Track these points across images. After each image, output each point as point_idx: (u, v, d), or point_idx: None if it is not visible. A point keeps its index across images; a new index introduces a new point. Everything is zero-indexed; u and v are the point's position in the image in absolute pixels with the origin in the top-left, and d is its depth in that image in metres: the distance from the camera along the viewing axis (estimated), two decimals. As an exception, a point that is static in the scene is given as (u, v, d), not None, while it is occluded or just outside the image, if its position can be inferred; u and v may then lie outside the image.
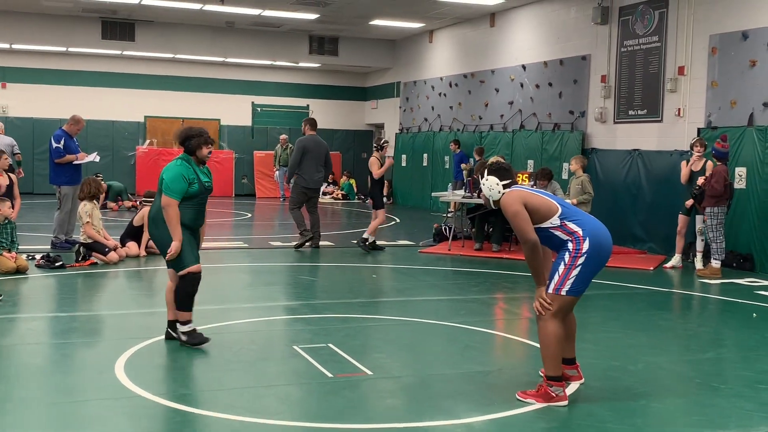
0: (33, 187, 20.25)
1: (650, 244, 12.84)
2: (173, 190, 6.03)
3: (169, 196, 6.03)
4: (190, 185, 6.09)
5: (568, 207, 5.09)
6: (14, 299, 8.19)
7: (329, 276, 10.19)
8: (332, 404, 4.91)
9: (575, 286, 4.93)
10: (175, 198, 6.03)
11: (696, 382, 5.63)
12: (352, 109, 25.34)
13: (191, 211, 6.16)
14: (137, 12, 19.29)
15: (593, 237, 4.93)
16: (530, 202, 4.96)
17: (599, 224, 5.08)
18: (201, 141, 6.18)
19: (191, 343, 6.15)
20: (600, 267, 5.03)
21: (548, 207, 4.98)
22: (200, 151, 6.20)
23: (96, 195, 10.45)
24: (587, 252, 4.90)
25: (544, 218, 4.96)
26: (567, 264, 4.91)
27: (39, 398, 4.96)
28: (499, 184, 5.11)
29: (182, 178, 6.06)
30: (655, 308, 8.41)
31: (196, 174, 6.17)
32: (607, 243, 5.01)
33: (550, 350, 4.95)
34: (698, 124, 12.16)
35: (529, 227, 4.91)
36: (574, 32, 15.12)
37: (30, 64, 21.79)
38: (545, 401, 4.92)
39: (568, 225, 4.95)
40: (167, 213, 6.03)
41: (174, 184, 6.03)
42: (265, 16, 18.99)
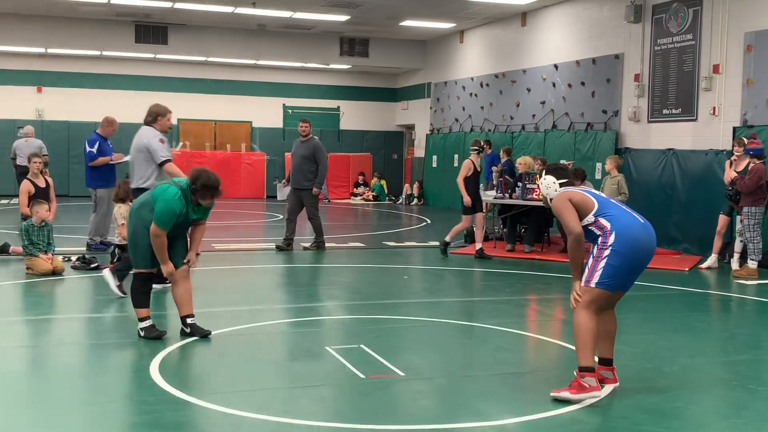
0: (68, 189, 20.52)
1: (685, 244, 12.68)
2: (163, 222, 6.12)
3: (157, 226, 6.12)
4: (177, 217, 6.17)
5: (605, 203, 5.16)
6: (50, 300, 8.31)
7: (360, 277, 10.20)
8: (365, 405, 4.91)
9: (603, 279, 5.00)
10: (164, 229, 6.14)
11: (732, 384, 5.54)
12: (383, 111, 25.36)
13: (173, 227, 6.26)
14: (170, 16, 19.47)
15: (621, 231, 5.00)
16: (573, 198, 5.14)
17: (633, 220, 5.10)
18: (206, 193, 6.22)
19: (149, 337, 6.36)
20: (633, 263, 5.04)
21: (585, 205, 5.12)
22: (203, 198, 6.25)
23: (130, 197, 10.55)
24: (612, 245, 4.98)
25: (582, 216, 5.11)
26: (594, 257, 5.05)
27: (76, 398, 5.02)
28: (556, 182, 5.32)
29: (173, 213, 6.13)
30: (691, 309, 8.31)
31: (187, 210, 6.22)
32: (639, 239, 5.04)
33: (581, 340, 5.03)
34: (734, 123, 12.00)
35: (575, 220, 5.08)
36: (606, 31, 14.99)
37: (65, 68, 22.09)
38: (578, 392, 4.93)
39: (600, 221, 5.07)
40: (154, 243, 6.16)
41: (165, 217, 6.12)
42: (296, 19, 19.08)
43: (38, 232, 9.67)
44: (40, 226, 9.72)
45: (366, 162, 24.59)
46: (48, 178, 10.87)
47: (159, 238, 6.13)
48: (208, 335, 6.47)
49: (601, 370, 5.29)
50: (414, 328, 7.17)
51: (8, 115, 21.41)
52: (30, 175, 10.72)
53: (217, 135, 23.77)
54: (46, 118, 21.92)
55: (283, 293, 9.07)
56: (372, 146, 25.05)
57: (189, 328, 6.47)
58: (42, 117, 21.87)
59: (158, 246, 6.16)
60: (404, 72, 24.36)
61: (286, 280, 10.02)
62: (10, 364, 5.78)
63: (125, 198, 10.48)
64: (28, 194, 10.38)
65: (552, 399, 4.98)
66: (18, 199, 10.92)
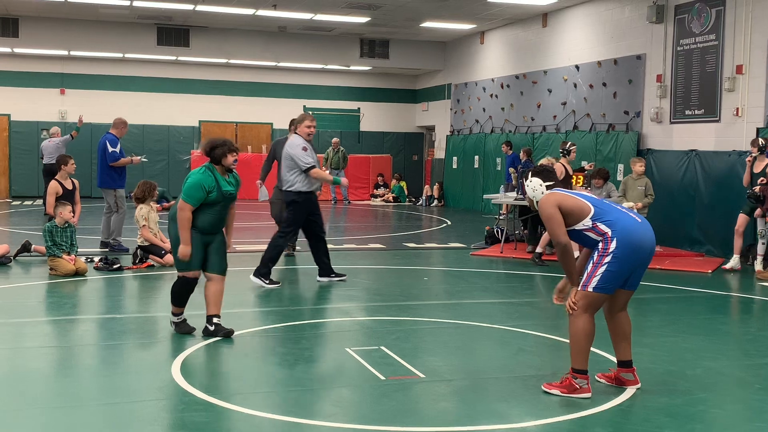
0: (91, 191, 20.67)
1: (708, 246, 12.58)
2: (190, 196, 6.28)
3: (184, 200, 6.28)
4: (208, 194, 6.31)
5: (602, 207, 5.12)
6: (73, 301, 8.39)
7: (380, 278, 10.20)
8: (385, 407, 4.91)
9: (601, 284, 5.01)
10: (190, 203, 6.28)
11: (756, 387, 5.49)
12: (403, 112, 25.35)
13: (210, 217, 6.41)
14: (192, 18, 19.59)
15: (622, 237, 4.99)
16: (564, 205, 5.08)
17: (633, 223, 5.07)
18: (225, 150, 6.39)
19: (180, 332, 6.60)
20: (634, 265, 5.06)
21: (581, 209, 5.07)
22: (225, 159, 6.40)
23: (151, 198, 10.63)
24: (614, 252, 4.97)
25: (577, 220, 5.07)
26: (594, 262, 5.04)
27: (98, 398, 5.06)
28: (543, 185, 5.27)
29: (201, 187, 6.29)
30: (714, 312, 8.24)
31: (217, 183, 6.36)
32: (641, 242, 5.03)
33: (578, 344, 5.07)
34: (757, 124, 11.88)
35: (561, 230, 5.05)
36: (628, 31, 14.91)
37: (87, 71, 22.27)
38: (569, 392, 5.02)
39: (599, 226, 5.05)
40: (179, 216, 6.30)
41: (192, 190, 6.28)
42: (317, 20, 19.12)
43: (61, 233, 9.76)
44: (63, 228, 9.81)
45: (386, 163, 24.59)
46: (74, 181, 10.97)
47: (183, 212, 6.26)
48: (231, 334, 6.52)
49: (622, 372, 5.31)
50: (434, 329, 7.16)
51: (32, 117, 21.62)
52: (59, 176, 10.81)
53: (238, 136, 23.86)
54: (69, 120, 22.10)
55: (303, 294, 9.08)
56: (392, 147, 25.05)
57: (213, 327, 6.53)
58: (65, 119, 22.06)
59: (182, 220, 6.27)
60: (424, 73, 24.34)
61: (306, 280, 10.04)
62: (33, 364, 5.83)
63: (144, 198, 10.57)
64: (55, 195, 10.48)
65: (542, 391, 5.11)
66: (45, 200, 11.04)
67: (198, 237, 6.42)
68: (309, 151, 9.03)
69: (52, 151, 15.62)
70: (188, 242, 6.32)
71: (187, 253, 6.34)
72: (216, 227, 6.52)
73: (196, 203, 6.29)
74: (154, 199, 10.89)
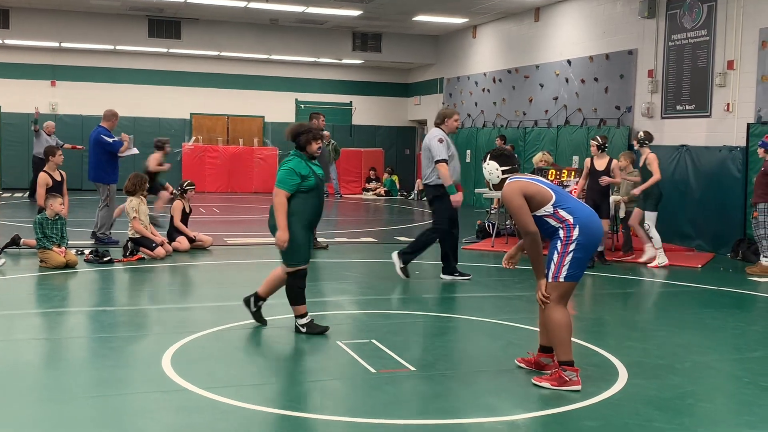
0: (82, 183, 20.61)
1: (698, 241, 12.62)
2: (284, 183, 6.23)
3: (278, 187, 6.23)
4: (305, 179, 6.25)
5: (562, 194, 5.23)
6: (63, 293, 8.36)
7: (372, 272, 10.21)
8: (375, 399, 4.92)
9: (571, 271, 5.11)
10: (284, 189, 6.22)
11: (744, 381, 5.52)
12: (395, 106, 25.34)
13: (309, 205, 6.32)
14: (183, 10, 19.52)
15: (584, 225, 5.11)
16: (528, 191, 5.16)
17: (590, 212, 5.24)
18: (310, 137, 6.37)
19: (312, 332, 6.42)
20: (590, 253, 5.22)
21: (543, 195, 5.15)
22: (310, 146, 6.38)
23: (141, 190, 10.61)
24: (578, 239, 5.08)
25: (539, 206, 5.14)
26: (560, 252, 5.11)
27: (88, 391, 5.05)
28: (499, 169, 5.39)
29: (294, 173, 6.24)
30: (704, 306, 8.28)
31: (310, 168, 6.33)
32: (597, 230, 5.21)
33: (560, 337, 5.13)
34: (748, 120, 11.92)
35: (530, 219, 5.13)
36: (620, 26, 14.92)
37: (78, 63, 22.18)
38: (559, 385, 5.07)
39: (560, 212, 5.13)
40: (274, 201, 6.24)
41: (285, 177, 6.24)
42: (309, 13, 19.08)
43: (52, 225, 9.73)
44: (53, 220, 9.78)
45: (378, 157, 24.59)
46: (62, 172, 10.93)
47: (278, 197, 6.21)
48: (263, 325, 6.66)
49: (542, 357, 5.45)
50: (425, 323, 7.17)
51: (23, 109, 21.52)
52: (48, 168, 10.76)
53: (230, 129, 23.83)
54: (60, 112, 22.02)
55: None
56: (384, 141, 25.05)
57: (254, 307, 6.65)
58: (56, 111, 21.97)
59: (278, 205, 6.20)
60: (417, 67, 24.33)
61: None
62: (23, 357, 5.82)
63: (135, 192, 10.54)
64: (46, 187, 10.44)
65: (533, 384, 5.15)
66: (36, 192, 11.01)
67: (304, 228, 6.30)
68: (445, 144, 8.98)
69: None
70: (285, 228, 6.20)
71: (285, 238, 6.20)
72: (317, 216, 6.44)
73: (290, 189, 6.22)
74: (145, 192, 10.86)
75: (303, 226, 6.30)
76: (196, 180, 19.34)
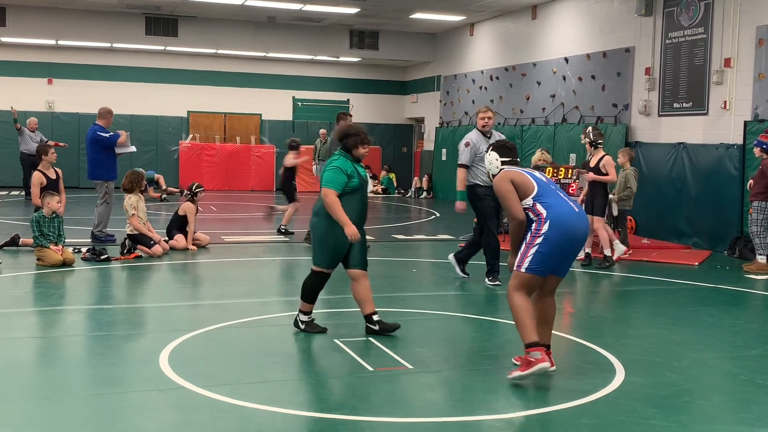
0: (79, 181, 20.59)
1: (695, 239, 12.64)
2: (331, 181, 6.14)
3: (327, 188, 6.14)
4: (350, 178, 6.18)
5: (544, 188, 5.27)
6: (61, 291, 8.36)
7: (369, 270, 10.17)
8: (373, 398, 4.92)
9: (533, 265, 5.14)
10: (333, 188, 6.13)
11: (741, 379, 5.53)
12: (392, 103, 25.34)
13: (354, 207, 6.23)
14: (180, 8, 19.50)
15: (555, 221, 5.12)
16: (515, 180, 5.26)
17: (568, 210, 5.21)
18: (357, 140, 6.27)
19: (309, 331, 6.43)
20: (565, 250, 5.20)
21: (527, 186, 5.24)
22: (356, 150, 6.29)
23: (139, 188, 10.62)
24: (545, 234, 5.11)
25: (522, 197, 5.24)
26: (527, 243, 5.18)
27: (85, 389, 5.05)
28: (498, 159, 5.50)
29: (341, 171, 6.17)
30: (701, 304, 8.29)
31: (355, 169, 6.26)
32: (573, 227, 5.17)
33: (518, 320, 5.19)
34: (745, 117, 11.94)
35: (518, 206, 5.22)
36: (617, 24, 14.93)
37: (75, 60, 22.15)
38: (528, 368, 5.10)
39: (537, 206, 5.19)
40: (326, 202, 6.13)
41: (333, 176, 6.15)
42: (306, 11, 19.07)
43: (49, 223, 9.72)
44: (50, 218, 9.77)
45: (375, 155, 24.58)
46: (57, 170, 10.92)
47: (329, 196, 6.11)
48: (397, 329, 6.43)
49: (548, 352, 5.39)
50: (422, 320, 7.18)
51: (19, 106, 21.46)
52: (41, 167, 10.75)
53: (227, 127, 23.80)
54: (57, 110, 21.99)
55: (291, 285, 9.07)
56: (381, 139, 25.02)
57: (377, 325, 6.42)
58: (53, 109, 21.95)
59: (332, 205, 6.09)
60: (414, 65, 24.32)
61: (295, 272, 10.03)
62: (20, 355, 5.81)
63: (132, 189, 10.54)
64: (40, 186, 10.43)
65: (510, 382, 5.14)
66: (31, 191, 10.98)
67: (342, 235, 6.16)
68: (471, 147, 8.80)
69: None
70: (349, 222, 6.09)
71: (354, 231, 6.09)
72: (361, 218, 6.32)
73: (339, 188, 6.13)
74: (143, 189, 10.86)
75: (339, 231, 6.17)
76: (193, 178, 19.39)
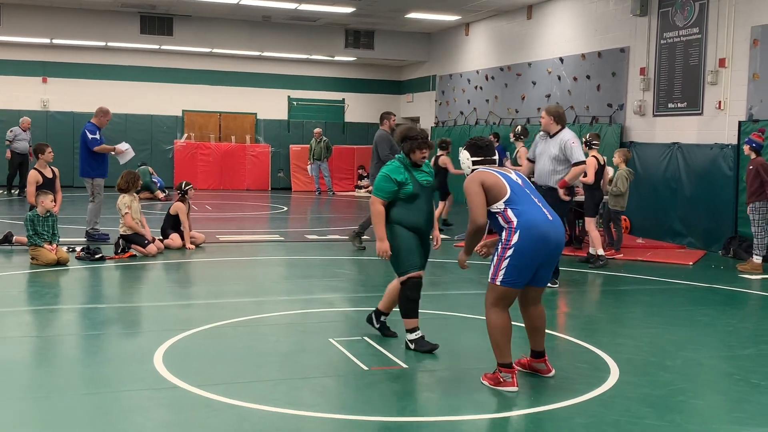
0: (73, 180, 20.53)
1: (690, 238, 12.66)
2: (379, 189, 5.95)
3: (374, 195, 5.97)
4: (402, 186, 5.93)
5: (517, 193, 5.03)
6: (55, 291, 8.34)
7: (364, 269, 10.21)
8: (368, 397, 4.92)
9: (507, 278, 4.98)
10: (379, 196, 5.93)
11: (735, 378, 5.54)
12: (388, 103, 25.30)
13: (412, 212, 5.99)
14: (175, 7, 19.46)
15: (525, 230, 4.91)
16: (486, 182, 5.05)
17: (540, 218, 4.97)
18: (414, 145, 6.00)
19: (420, 350, 5.98)
20: (537, 260, 4.98)
21: (498, 190, 5.02)
22: (413, 154, 6.03)
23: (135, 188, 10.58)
24: (515, 245, 4.91)
25: (494, 200, 5.03)
26: (499, 255, 5.01)
27: (79, 388, 5.04)
28: (470, 159, 5.31)
29: (389, 179, 5.93)
30: (695, 304, 8.30)
31: (410, 174, 5.99)
32: (544, 236, 4.94)
33: (494, 340, 5.09)
34: (739, 117, 11.96)
35: (481, 210, 5.01)
36: (612, 24, 14.94)
37: (70, 59, 22.09)
38: (495, 385, 5.08)
39: (507, 212, 4.98)
40: (371, 211, 5.98)
41: (380, 183, 5.96)
42: (302, 10, 19.05)
43: (43, 222, 9.70)
44: (45, 217, 9.75)
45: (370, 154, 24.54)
46: (54, 169, 10.90)
47: (373, 205, 5.95)
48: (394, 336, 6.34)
49: (533, 362, 5.37)
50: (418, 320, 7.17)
51: (14, 105, 21.43)
52: (38, 165, 10.74)
53: (222, 126, 23.77)
54: (51, 108, 21.94)
55: (287, 285, 9.08)
56: (376, 139, 25.00)
57: (379, 324, 6.38)
58: (47, 108, 21.89)
59: (374, 214, 5.93)
60: (409, 64, 24.31)
61: (290, 271, 10.03)
62: (14, 354, 5.80)
63: (128, 189, 10.52)
64: (36, 184, 10.41)
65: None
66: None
67: (410, 234, 5.98)
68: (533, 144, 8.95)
69: None
70: (383, 238, 5.88)
71: (384, 248, 5.87)
72: (426, 223, 6.06)
73: (385, 196, 5.92)
74: (138, 189, 10.85)
75: (407, 234, 5.97)
76: (187, 177, 19.36)
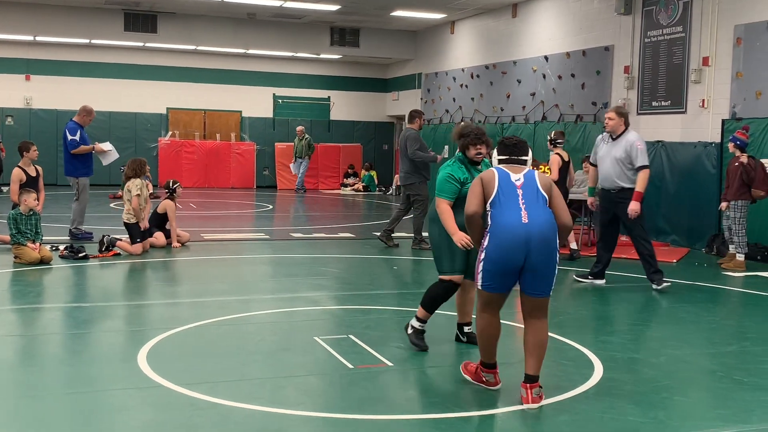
0: (57, 178, 20.40)
1: (673, 236, 12.73)
2: (441, 190, 5.82)
3: (438, 196, 5.82)
4: (462, 185, 5.80)
5: (503, 195, 4.86)
6: (38, 289, 8.29)
7: (350, 267, 10.20)
8: (352, 395, 4.92)
9: (483, 282, 4.88)
10: (443, 197, 5.79)
11: (718, 375, 5.58)
12: (374, 101, 25.33)
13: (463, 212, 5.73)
14: (159, 4, 19.37)
15: (493, 235, 4.79)
16: (484, 179, 4.98)
17: (512, 221, 4.77)
18: (467, 141, 5.87)
19: (412, 342, 6.02)
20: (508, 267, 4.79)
21: (489, 188, 4.91)
22: (468, 151, 5.90)
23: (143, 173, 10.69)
24: (485, 249, 4.84)
25: (486, 199, 4.94)
26: (478, 259, 4.93)
27: (63, 387, 5.01)
28: (497, 157, 5.18)
29: (452, 178, 5.81)
30: (679, 301, 8.35)
31: (470, 173, 5.87)
32: (511, 241, 4.74)
33: (481, 342, 5.09)
34: (723, 116, 12.03)
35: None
36: (597, 23, 15.00)
37: (53, 56, 21.97)
38: (475, 380, 5.15)
39: (488, 215, 4.89)
40: (438, 211, 5.80)
41: (441, 184, 5.83)
42: (287, 8, 19.00)
43: (26, 221, 9.63)
44: (28, 215, 9.69)
45: (356, 152, 24.57)
46: (38, 167, 10.84)
47: (440, 206, 5.77)
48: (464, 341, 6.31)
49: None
50: (403, 318, 7.16)
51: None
52: (22, 163, 10.67)
53: (207, 124, 23.70)
54: (35, 106, 21.80)
55: (271, 283, 9.06)
56: (362, 137, 25.02)
57: (465, 337, 6.29)
58: (30, 105, 21.75)
59: (443, 214, 5.74)
60: (395, 62, 24.32)
61: (275, 270, 10.01)
62: (-3, 353, 5.76)
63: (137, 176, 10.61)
64: (19, 182, 10.35)
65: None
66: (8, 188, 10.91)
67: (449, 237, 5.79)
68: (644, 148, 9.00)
69: None
70: (456, 231, 5.57)
71: (461, 237, 5.48)
72: None
73: (449, 196, 5.76)
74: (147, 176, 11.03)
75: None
76: (172, 175, 19.30)
